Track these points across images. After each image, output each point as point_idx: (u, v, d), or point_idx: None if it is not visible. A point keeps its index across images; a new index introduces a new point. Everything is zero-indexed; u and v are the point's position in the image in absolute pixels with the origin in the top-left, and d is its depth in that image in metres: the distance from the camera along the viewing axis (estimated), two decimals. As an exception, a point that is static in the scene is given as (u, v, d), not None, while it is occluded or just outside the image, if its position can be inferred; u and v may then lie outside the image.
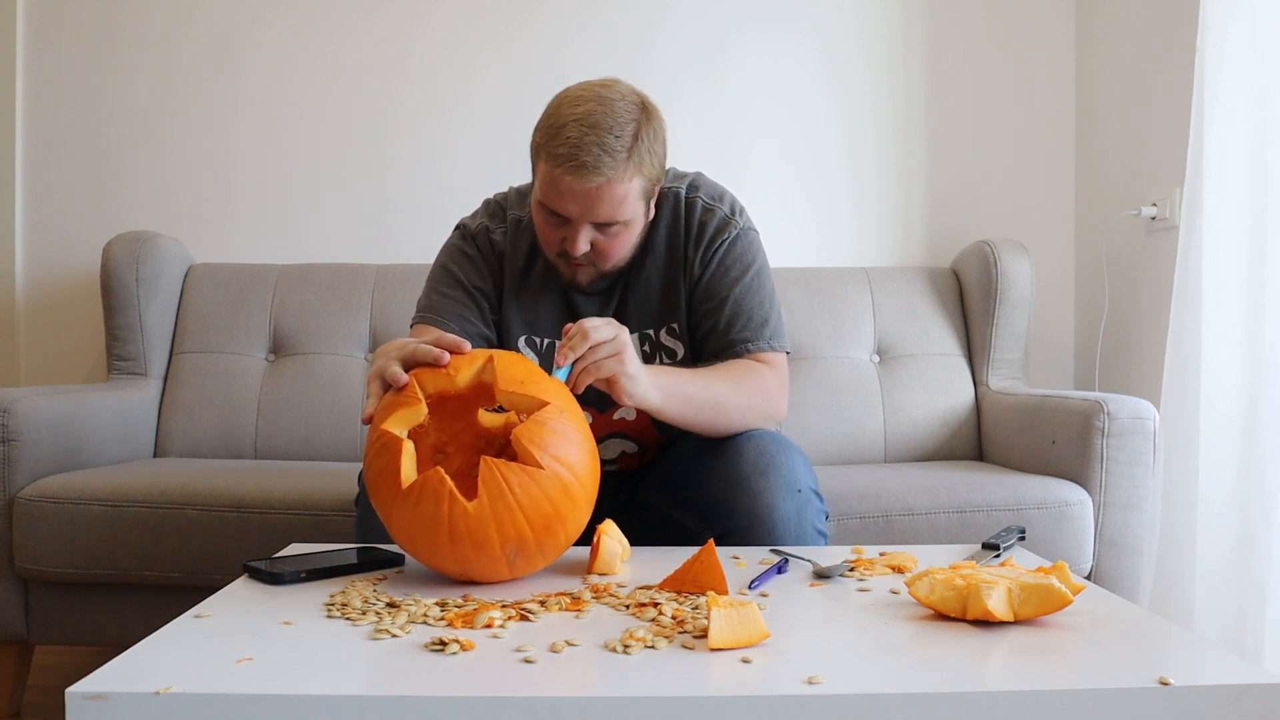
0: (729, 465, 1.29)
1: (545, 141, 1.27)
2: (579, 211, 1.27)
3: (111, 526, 1.72)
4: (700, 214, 1.40)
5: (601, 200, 1.25)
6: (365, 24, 2.52)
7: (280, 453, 2.20)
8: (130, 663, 0.77)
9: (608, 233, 1.30)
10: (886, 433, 2.21)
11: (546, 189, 1.28)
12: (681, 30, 2.52)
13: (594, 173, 1.23)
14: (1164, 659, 0.83)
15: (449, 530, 0.97)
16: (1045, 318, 2.50)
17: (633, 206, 1.29)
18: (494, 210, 1.46)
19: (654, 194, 1.36)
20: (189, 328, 2.29)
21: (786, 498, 1.26)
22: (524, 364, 1.09)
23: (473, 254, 1.42)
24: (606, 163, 1.23)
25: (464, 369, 1.05)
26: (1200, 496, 1.70)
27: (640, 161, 1.26)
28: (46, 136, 2.51)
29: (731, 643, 0.80)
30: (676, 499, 1.38)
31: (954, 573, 0.92)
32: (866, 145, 2.54)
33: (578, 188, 1.24)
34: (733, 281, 1.39)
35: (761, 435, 1.33)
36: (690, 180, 1.44)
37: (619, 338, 1.16)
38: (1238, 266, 1.70)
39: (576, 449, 1.04)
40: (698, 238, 1.40)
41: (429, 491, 0.98)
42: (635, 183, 1.27)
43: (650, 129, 1.29)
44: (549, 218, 1.31)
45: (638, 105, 1.29)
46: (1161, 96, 2.17)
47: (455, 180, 2.49)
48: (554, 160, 1.25)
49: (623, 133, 1.24)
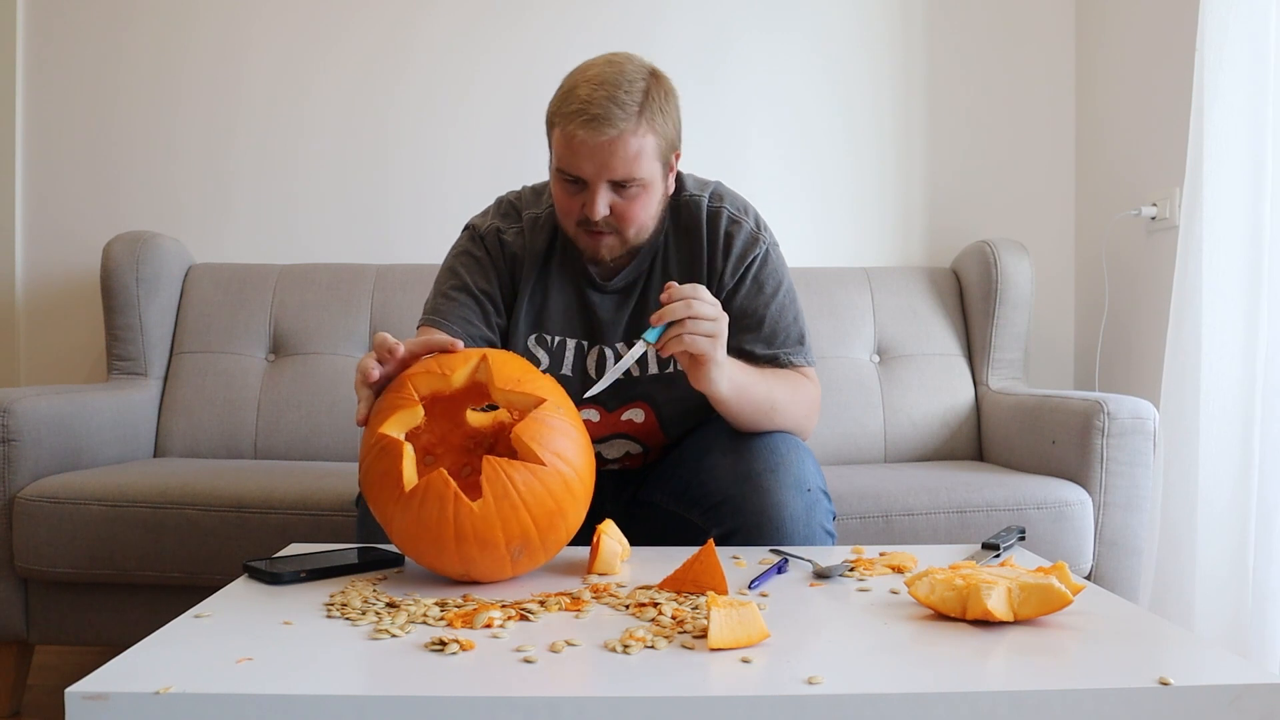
0: (739, 463, 1.29)
1: (558, 107, 1.28)
2: (594, 170, 1.27)
3: (111, 526, 1.72)
4: (726, 224, 1.40)
5: (615, 154, 1.25)
6: (366, 24, 2.52)
7: (280, 453, 2.20)
8: (130, 663, 0.77)
9: (625, 194, 1.29)
10: (886, 433, 2.21)
11: (562, 152, 1.28)
12: (681, 30, 2.52)
13: (607, 124, 1.24)
14: (1164, 659, 0.83)
15: (454, 531, 0.97)
16: (1045, 318, 2.50)
17: (648, 165, 1.28)
18: (506, 210, 1.46)
19: (672, 164, 1.35)
20: (189, 328, 2.29)
21: (796, 496, 1.26)
22: (518, 362, 1.09)
23: (480, 255, 1.42)
24: (618, 114, 1.24)
25: (459, 368, 1.05)
26: (1200, 496, 1.70)
27: (653, 118, 1.27)
28: (46, 136, 2.51)
29: (731, 643, 0.80)
30: (683, 496, 1.38)
31: (954, 573, 0.92)
32: (866, 145, 2.54)
33: (591, 141, 1.25)
34: (768, 299, 1.40)
35: (772, 434, 1.33)
36: (713, 189, 1.44)
37: (722, 319, 1.16)
38: (1237, 266, 1.70)
39: (574, 445, 1.04)
40: (725, 249, 1.39)
41: (433, 494, 0.97)
42: (649, 139, 1.27)
43: (661, 91, 1.29)
44: (567, 186, 1.31)
45: (648, 70, 1.30)
46: (1161, 97, 2.17)
47: (456, 180, 2.49)
48: (567, 119, 1.26)
49: (633, 89, 1.26)
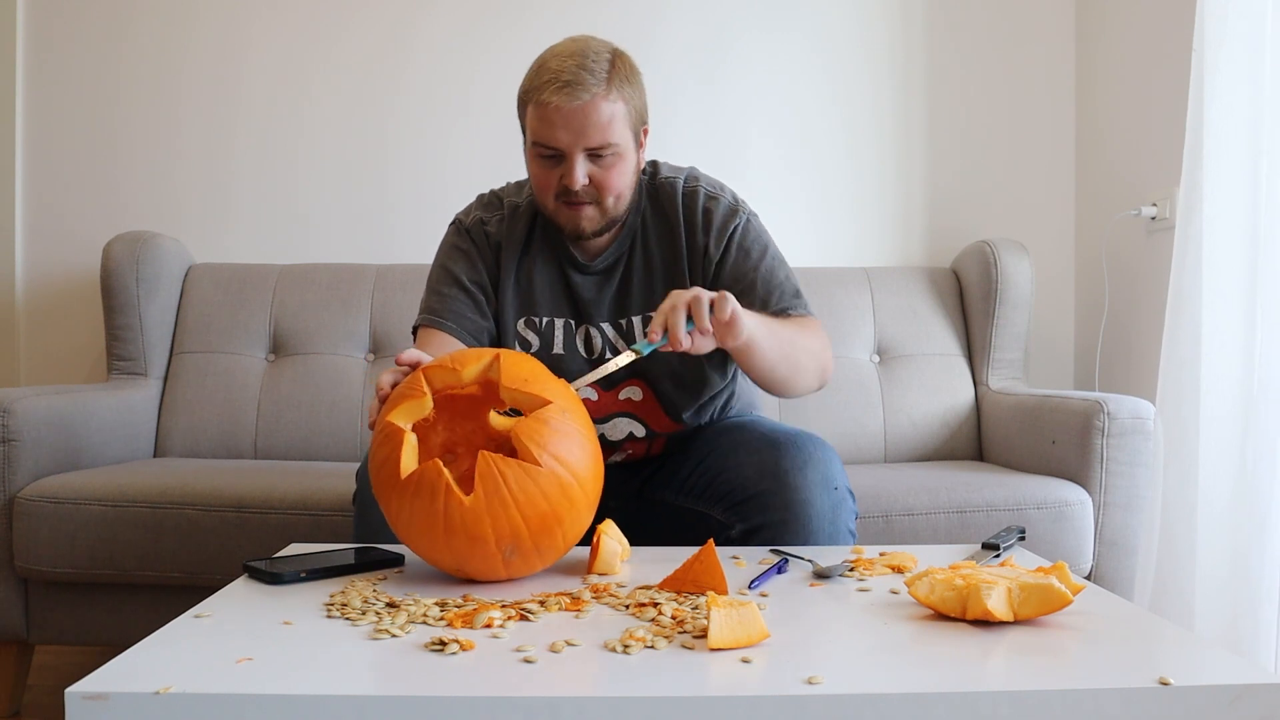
0: (766, 459, 1.30)
1: (530, 83, 1.34)
2: (570, 138, 1.31)
3: (111, 526, 1.72)
4: (704, 201, 1.43)
5: (589, 120, 1.30)
6: (367, 24, 2.52)
7: (280, 453, 2.20)
8: (130, 663, 0.77)
9: (601, 163, 1.33)
10: (886, 433, 2.21)
11: (536, 125, 1.33)
12: (681, 30, 2.52)
13: (580, 88, 1.29)
14: (1164, 659, 0.83)
15: (444, 523, 0.98)
16: (1045, 318, 2.50)
17: (621, 131, 1.33)
18: (489, 200, 1.51)
19: (642, 139, 1.40)
20: (189, 328, 2.29)
21: (823, 494, 1.27)
22: (530, 363, 1.09)
23: (467, 248, 1.46)
24: (588, 80, 1.29)
25: (470, 365, 1.06)
26: (1200, 496, 1.70)
27: (621, 85, 1.32)
28: (47, 136, 2.51)
29: (731, 643, 0.80)
30: (704, 493, 1.38)
31: (954, 573, 0.92)
32: (866, 145, 2.54)
33: (566, 107, 1.29)
34: (756, 262, 1.42)
35: (798, 432, 1.34)
36: (688, 172, 1.48)
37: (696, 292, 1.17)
38: (1235, 266, 1.70)
39: (578, 449, 1.03)
40: (705, 225, 1.42)
41: (426, 483, 0.98)
42: (620, 105, 1.32)
43: (626, 64, 1.35)
44: (544, 161, 1.35)
45: (611, 48, 1.37)
46: (1160, 97, 2.17)
47: (456, 180, 2.49)
48: (540, 89, 1.31)
49: (600, 59, 1.32)
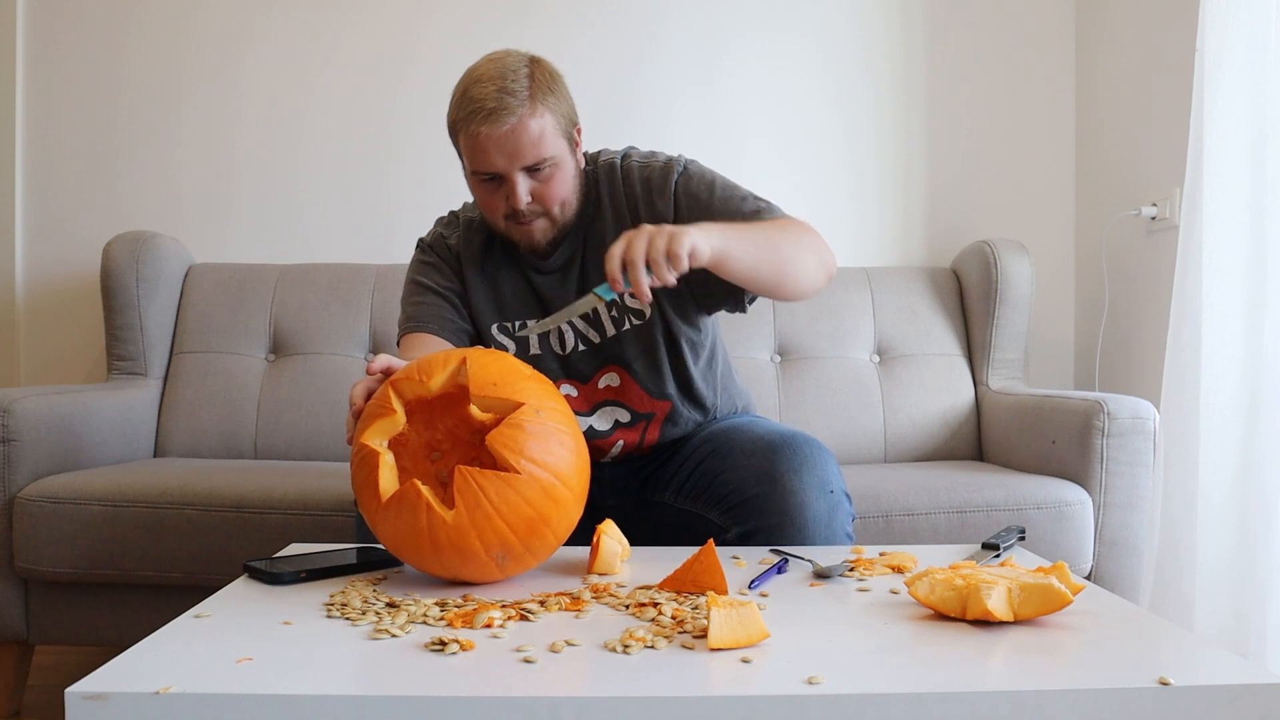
0: (763, 462, 1.30)
1: (455, 114, 1.34)
2: (505, 161, 1.31)
3: (111, 526, 1.72)
4: (640, 171, 1.43)
5: (520, 141, 1.30)
6: (367, 24, 2.52)
7: (280, 453, 2.20)
8: (130, 663, 0.77)
9: (540, 176, 1.34)
10: (886, 433, 2.21)
11: (471, 154, 1.34)
12: (680, 30, 2.52)
13: (504, 113, 1.29)
14: (1164, 659, 0.83)
15: (430, 540, 0.98)
16: (1045, 318, 2.50)
17: (553, 143, 1.33)
18: (449, 219, 1.55)
19: (576, 140, 1.39)
20: (189, 328, 2.29)
21: (820, 497, 1.27)
22: (498, 364, 1.06)
23: (434, 261, 1.49)
24: (511, 102, 1.29)
25: (437, 374, 1.04)
26: (1200, 496, 1.70)
27: (544, 98, 1.32)
28: (47, 136, 2.51)
29: (731, 643, 0.80)
30: (701, 496, 1.38)
31: (954, 573, 0.92)
32: (866, 145, 2.54)
33: (495, 134, 1.29)
34: (708, 199, 1.39)
35: (795, 434, 1.34)
36: (624, 151, 1.49)
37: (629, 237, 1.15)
38: (1237, 266, 1.70)
39: (557, 446, 1.02)
40: (648, 191, 1.41)
41: (407, 504, 0.98)
42: (547, 118, 1.32)
43: (544, 73, 1.35)
44: (485, 185, 1.36)
45: (528, 59, 1.36)
46: (1161, 97, 2.17)
47: (456, 180, 2.43)
48: (467, 121, 1.31)
49: (518, 77, 1.31)
